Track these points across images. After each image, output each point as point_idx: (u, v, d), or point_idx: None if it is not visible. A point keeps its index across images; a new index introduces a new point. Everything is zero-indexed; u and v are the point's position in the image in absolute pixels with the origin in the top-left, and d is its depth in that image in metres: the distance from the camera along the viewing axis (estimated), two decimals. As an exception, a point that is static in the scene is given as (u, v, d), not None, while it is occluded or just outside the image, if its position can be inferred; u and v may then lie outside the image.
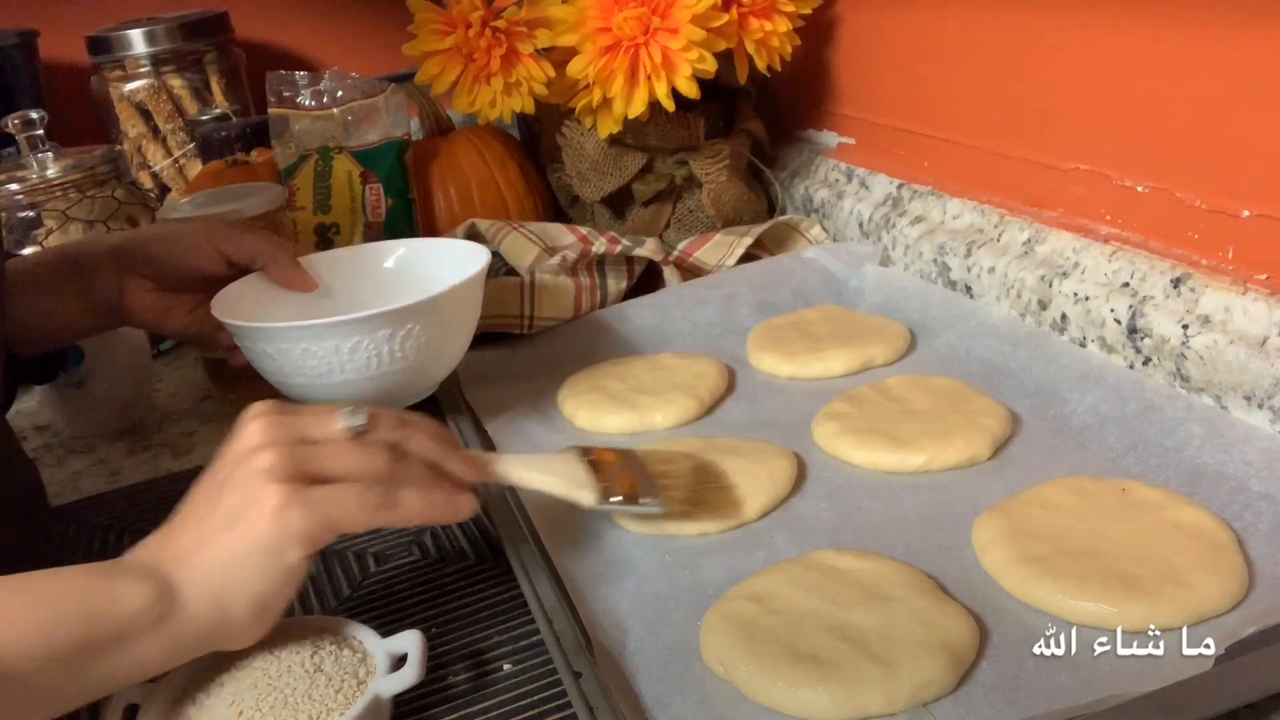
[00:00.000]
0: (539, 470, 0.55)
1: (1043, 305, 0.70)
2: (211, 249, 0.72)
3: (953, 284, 0.79)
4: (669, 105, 0.83)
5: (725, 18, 0.83)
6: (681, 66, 0.82)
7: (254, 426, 0.47)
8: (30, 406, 0.92)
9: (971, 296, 0.77)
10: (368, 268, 0.76)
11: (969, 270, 0.77)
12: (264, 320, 0.65)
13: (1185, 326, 0.59)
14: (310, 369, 0.62)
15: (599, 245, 0.87)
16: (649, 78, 0.83)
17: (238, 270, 0.73)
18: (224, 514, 0.45)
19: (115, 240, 0.72)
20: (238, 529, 0.45)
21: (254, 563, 0.44)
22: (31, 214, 0.96)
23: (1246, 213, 0.58)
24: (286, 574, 0.45)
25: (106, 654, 0.41)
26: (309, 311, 0.68)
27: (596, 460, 0.56)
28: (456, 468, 0.51)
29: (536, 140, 1.11)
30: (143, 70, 1.28)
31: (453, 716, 0.49)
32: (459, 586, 0.59)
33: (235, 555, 0.44)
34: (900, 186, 0.88)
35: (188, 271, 0.72)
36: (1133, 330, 0.63)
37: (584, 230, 0.92)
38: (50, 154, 0.97)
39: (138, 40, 1.27)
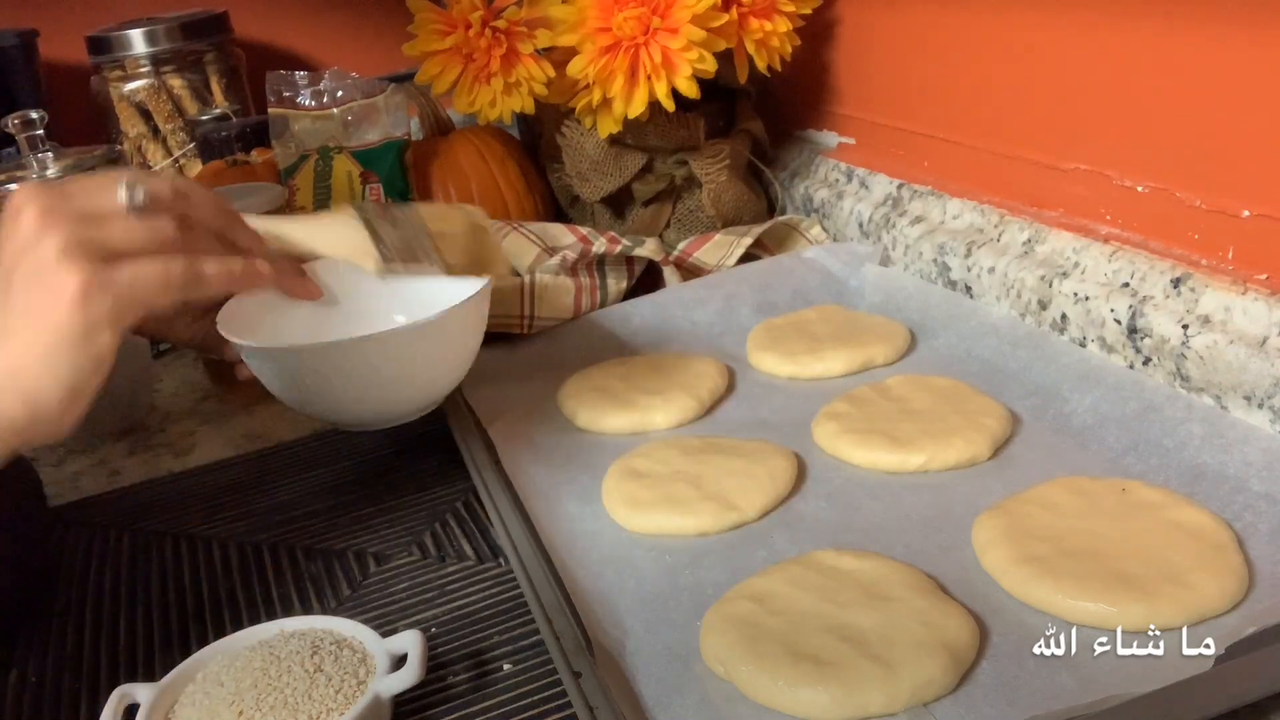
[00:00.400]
0: (320, 236, 0.54)
1: (1043, 305, 0.70)
2: None
3: (953, 284, 0.79)
4: (669, 105, 0.83)
5: (725, 18, 0.83)
6: (681, 66, 0.82)
7: (29, 212, 0.44)
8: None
9: (971, 296, 0.77)
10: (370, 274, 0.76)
11: (969, 270, 0.77)
12: (269, 330, 0.65)
13: (1185, 326, 0.59)
14: (314, 385, 0.62)
15: (599, 245, 0.87)
16: (649, 78, 0.83)
17: None
18: (19, 309, 0.43)
19: None
20: (37, 322, 0.42)
21: (62, 354, 0.43)
22: (31, 214, 0.95)
23: (1246, 213, 0.58)
24: (97, 359, 0.43)
25: None
26: (314, 320, 0.68)
27: (372, 221, 0.55)
28: (243, 236, 0.50)
29: (536, 140, 1.11)
30: (143, 70, 1.28)
31: (453, 716, 0.49)
32: (459, 586, 0.59)
33: (39, 350, 0.42)
34: (900, 186, 0.88)
35: None
36: (1133, 330, 0.63)
37: (584, 230, 0.92)
38: (50, 154, 0.97)
39: (138, 40, 1.27)
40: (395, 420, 0.65)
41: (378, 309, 0.64)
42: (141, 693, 0.48)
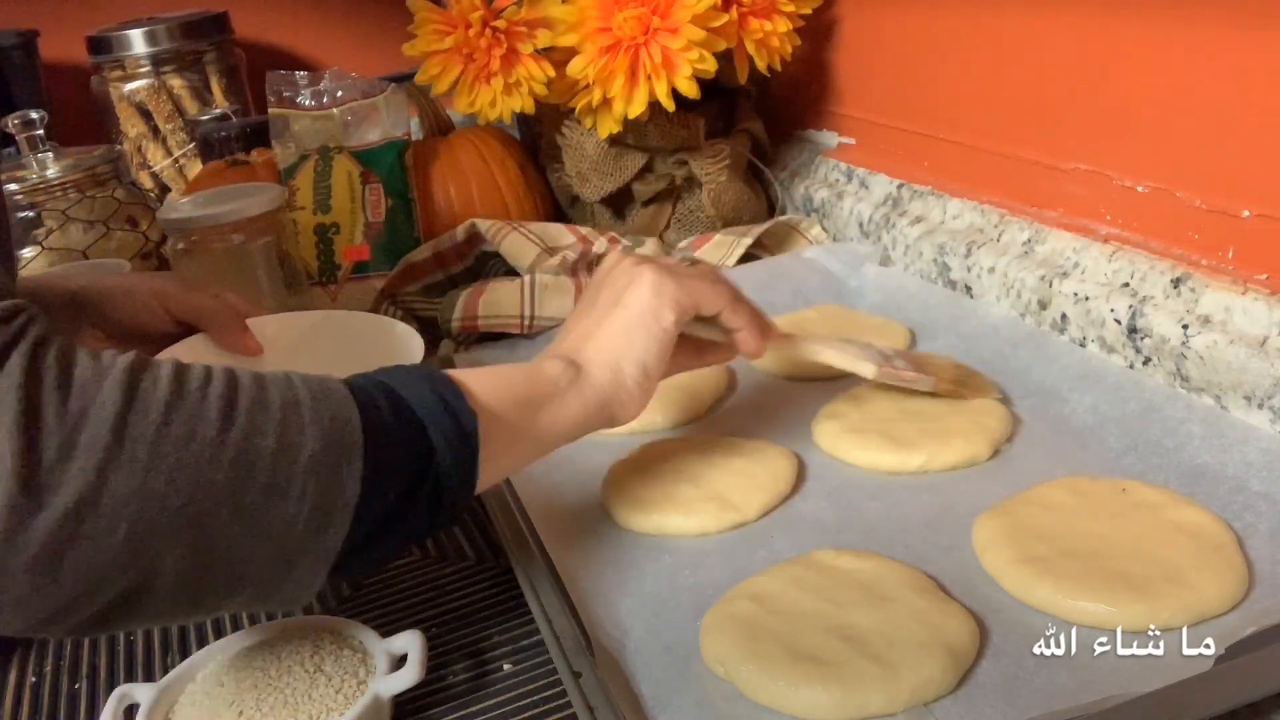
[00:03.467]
0: (823, 345, 0.64)
1: (1043, 305, 0.70)
2: (160, 308, 0.73)
3: (953, 284, 0.79)
4: (669, 105, 0.83)
5: (725, 18, 0.83)
6: (681, 66, 0.82)
7: (611, 257, 0.59)
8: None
9: (971, 296, 0.77)
10: (316, 333, 0.76)
11: (969, 270, 0.77)
12: None
13: (1185, 326, 0.59)
14: None
15: (599, 245, 0.87)
16: (649, 78, 0.83)
17: (186, 328, 0.74)
18: (606, 302, 0.56)
19: (73, 286, 0.73)
20: (620, 306, 0.55)
21: (639, 326, 0.54)
22: (31, 214, 0.96)
23: (1246, 213, 0.58)
24: (664, 335, 0.54)
25: (546, 405, 0.51)
26: None
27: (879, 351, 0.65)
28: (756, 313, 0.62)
29: (536, 140, 1.11)
30: (143, 70, 1.28)
31: (453, 716, 0.49)
32: (459, 586, 0.59)
33: (622, 325, 0.54)
34: (900, 186, 0.88)
35: (136, 328, 0.73)
36: (1133, 330, 0.63)
37: (584, 230, 0.92)
38: (50, 154, 0.97)
39: (138, 40, 1.27)
40: None
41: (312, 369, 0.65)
42: (141, 693, 0.48)
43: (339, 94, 1.00)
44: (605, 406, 0.53)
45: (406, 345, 0.70)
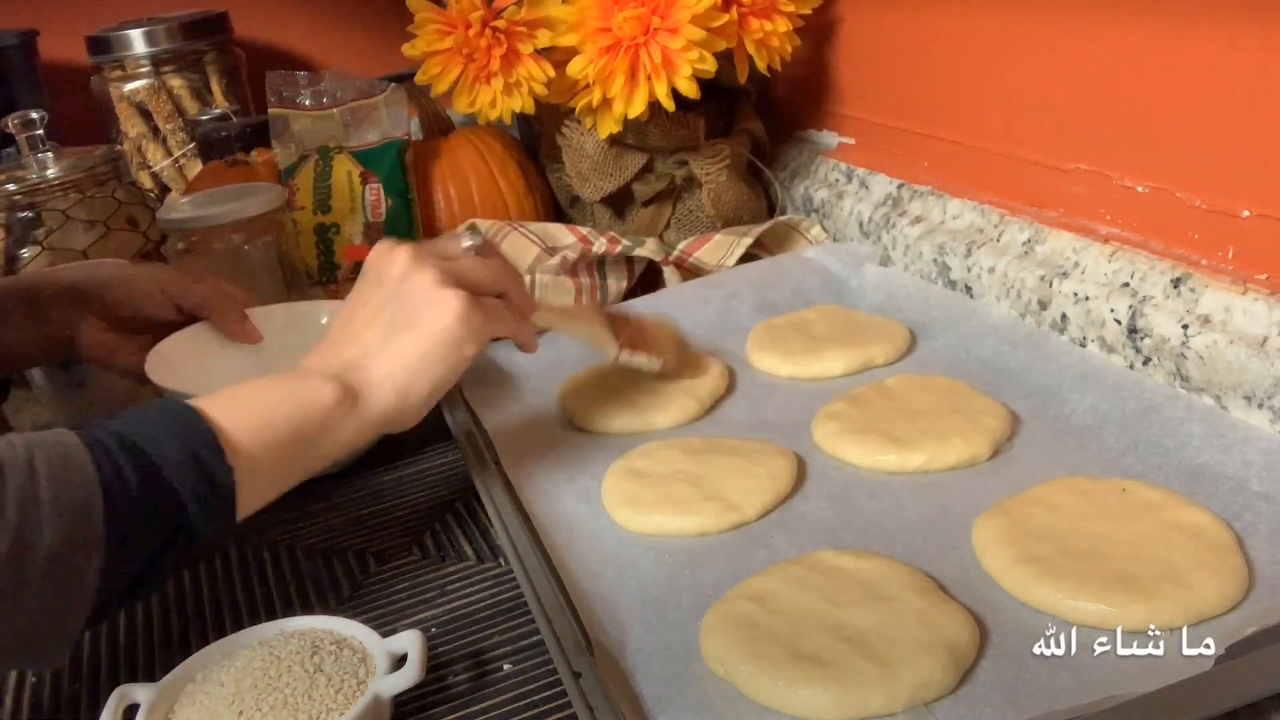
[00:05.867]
0: (570, 321, 0.68)
1: (1043, 305, 0.70)
2: (162, 296, 0.74)
3: (953, 284, 0.79)
4: (669, 105, 0.83)
5: (725, 18, 0.83)
6: (681, 66, 0.82)
7: (399, 253, 0.56)
8: (30, 407, 0.92)
9: (971, 296, 0.77)
10: (312, 324, 0.78)
11: (969, 270, 0.77)
12: (204, 370, 0.68)
13: (1185, 326, 0.59)
14: None
15: (599, 245, 0.87)
16: (649, 78, 0.83)
17: (188, 316, 0.74)
18: (401, 322, 0.54)
19: (72, 278, 0.74)
20: (417, 331, 0.53)
21: (438, 356, 0.53)
22: (31, 214, 0.95)
23: (1246, 213, 0.58)
24: (461, 364, 0.54)
25: (317, 435, 0.51)
26: (243, 367, 0.70)
27: (611, 316, 0.70)
28: (522, 297, 0.61)
29: (536, 140, 1.11)
30: (143, 70, 1.28)
31: (453, 716, 0.49)
32: (459, 586, 0.59)
33: (417, 352, 0.53)
34: (900, 186, 0.88)
35: (139, 315, 0.74)
36: (1133, 330, 0.63)
37: (584, 230, 0.92)
38: (50, 154, 0.97)
39: (138, 40, 1.27)
40: None
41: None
42: (141, 693, 0.48)
43: (339, 94, 1.00)
44: (384, 425, 0.54)
45: None
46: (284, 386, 0.52)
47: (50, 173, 0.95)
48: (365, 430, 0.53)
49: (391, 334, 0.54)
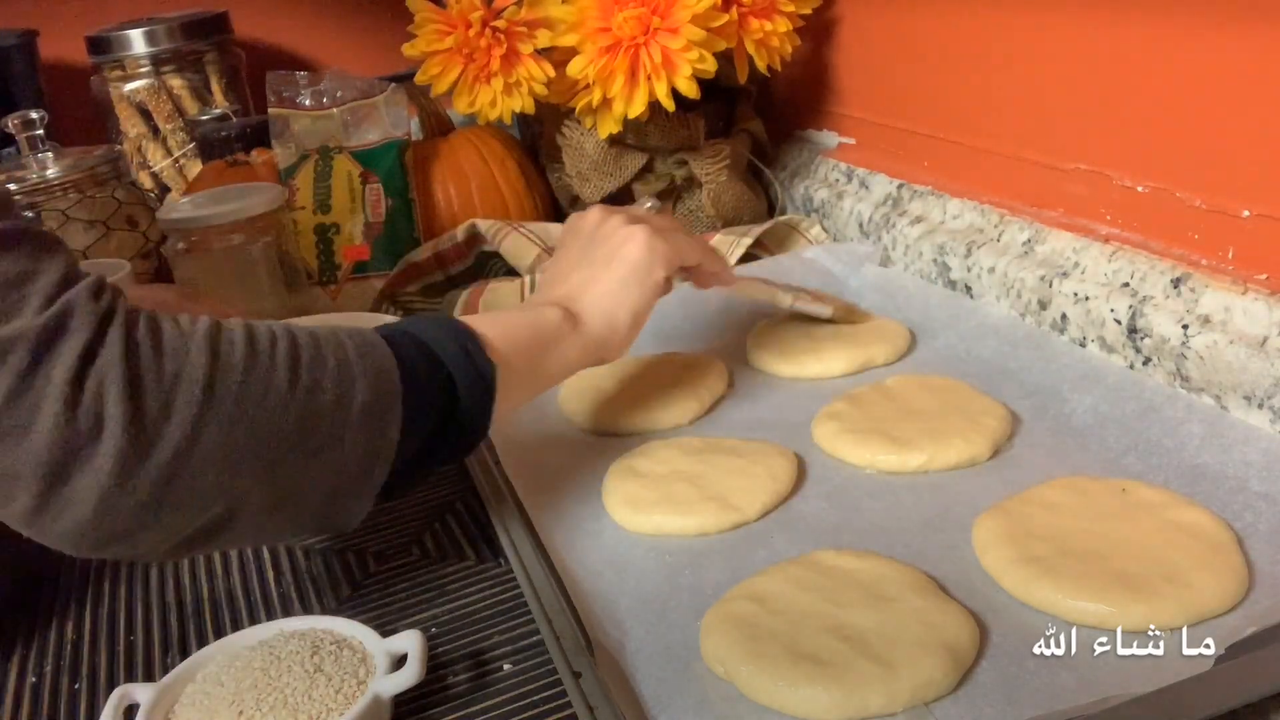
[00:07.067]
0: (751, 283, 0.76)
1: (1043, 305, 0.70)
2: None
3: (953, 284, 0.79)
4: (669, 105, 0.83)
5: (725, 18, 0.83)
6: (681, 66, 0.82)
7: (591, 213, 0.65)
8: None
9: (971, 296, 0.77)
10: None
11: (969, 270, 0.77)
12: None
13: (1185, 326, 0.59)
14: None
15: (599, 245, 0.87)
16: (649, 78, 0.83)
17: None
18: (600, 259, 0.62)
19: None
20: (614, 263, 0.61)
21: (634, 281, 0.61)
22: (31, 214, 0.96)
23: (1246, 213, 0.58)
24: (655, 288, 0.62)
25: (549, 349, 0.58)
26: None
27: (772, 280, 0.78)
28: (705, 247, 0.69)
29: (536, 140, 1.11)
30: (143, 70, 1.28)
31: (453, 716, 0.49)
32: (459, 586, 0.59)
33: (617, 280, 0.61)
34: (900, 186, 0.88)
35: None
36: (1133, 330, 0.63)
37: (584, 230, 0.92)
38: (50, 154, 0.97)
39: (138, 40, 1.27)
40: None
41: None
42: (141, 693, 0.48)
43: (339, 94, 1.00)
44: (599, 349, 0.60)
45: None
46: (519, 311, 0.60)
47: (50, 173, 0.95)
48: (588, 350, 0.59)
49: (592, 270, 0.61)
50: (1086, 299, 0.66)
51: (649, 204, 0.68)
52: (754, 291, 0.76)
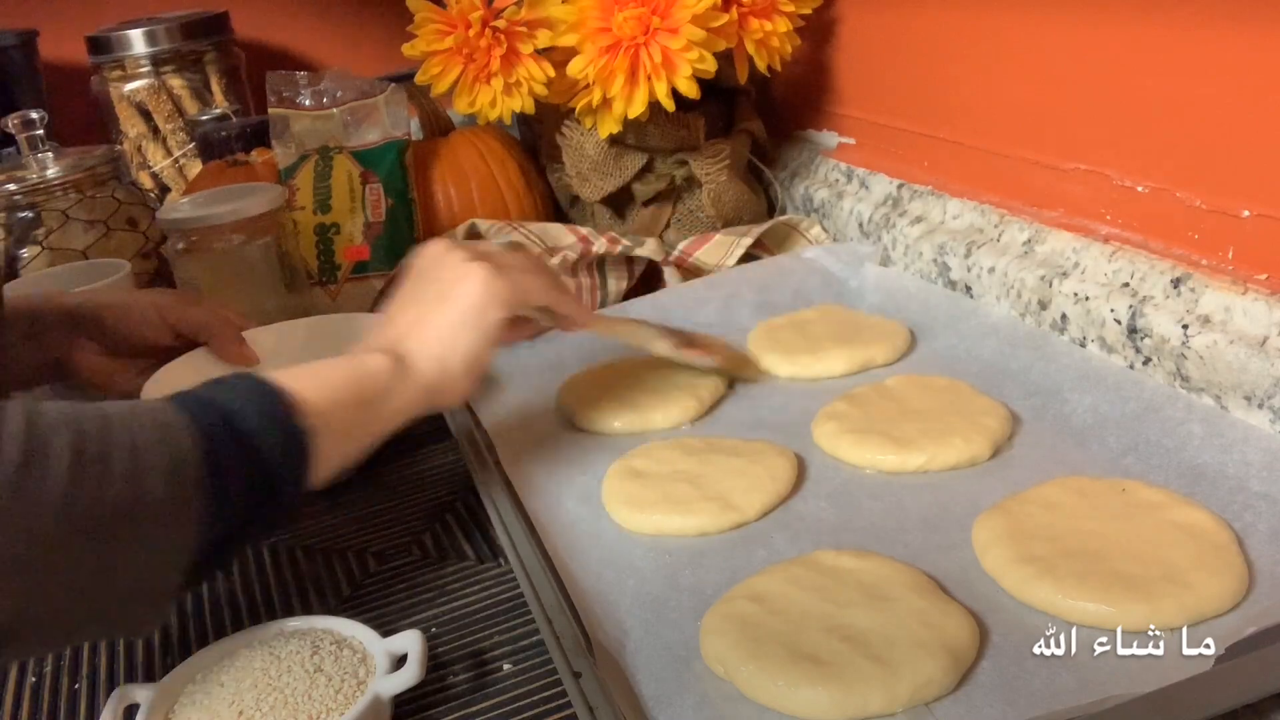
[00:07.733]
0: (615, 327, 0.72)
1: (1043, 305, 0.70)
2: (159, 320, 0.74)
3: (953, 284, 0.79)
4: (669, 105, 0.83)
5: (725, 18, 0.83)
6: (681, 66, 0.82)
7: (431, 247, 0.61)
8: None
9: (971, 296, 0.77)
10: (314, 338, 0.78)
11: (969, 270, 0.77)
12: None
13: (1185, 326, 0.59)
14: None
15: (599, 245, 0.87)
16: (649, 78, 0.83)
17: (185, 341, 0.75)
18: (431, 298, 0.58)
19: (71, 302, 0.74)
20: (448, 302, 0.57)
21: (466, 323, 0.56)
22: (31, 214, 0.96)
23: (1246, 213, 0.58)
24: (490, 330, 0.57)
25: (375, 401, 0.53)
26: None
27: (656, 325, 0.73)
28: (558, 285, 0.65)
29: (536, 140, 1.11)
30: (143, 70, 1.28)
31: (453, 716, 0.49)
32: (459, 586, 0.59)
33: (450, 321, 0.56)
34: (900, 186, 0.88)
35: (137, 340, 0.74)
36: (1133, 330, 0.63)
37: (584, 230, 0.92)
38: (50, 154, 0.97)
39: (138, 40, 1.27)
40: None
41: None
42: (141, 693, 0.48)
43: (339, 94, 1.00)
44: (431, 397, 0.56)
45: None
46: (339, 362, 0.55)
47: (50, 173, 0.96)
48: (418, 398, 0.55)
49: (425, 311, 0.57)
50: (1086, 299, 0.66)
51: (504, 238, 0.64)
52: (625, 335, 0.72)
